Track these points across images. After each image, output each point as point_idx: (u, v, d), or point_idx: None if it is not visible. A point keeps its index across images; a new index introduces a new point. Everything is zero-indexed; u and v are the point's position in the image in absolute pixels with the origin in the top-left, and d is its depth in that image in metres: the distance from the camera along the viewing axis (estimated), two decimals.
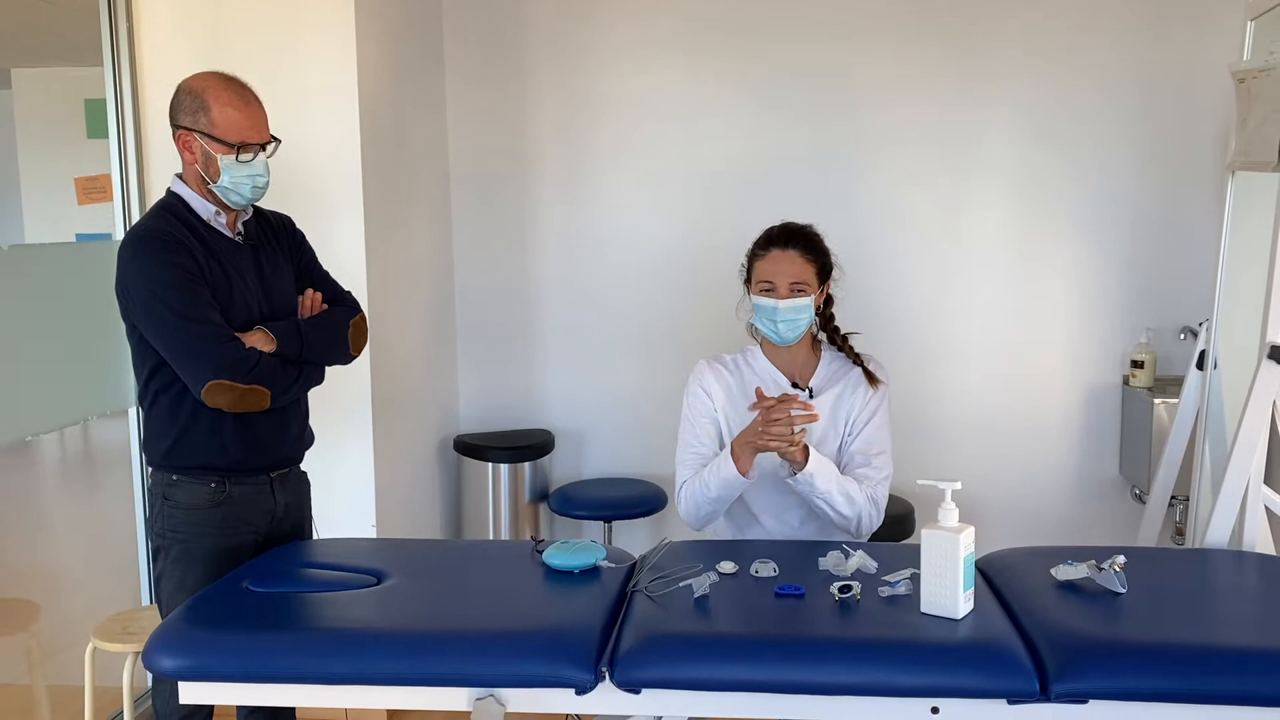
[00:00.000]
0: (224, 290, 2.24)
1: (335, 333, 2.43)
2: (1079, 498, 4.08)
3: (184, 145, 2.26)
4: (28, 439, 2.99)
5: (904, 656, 1.74)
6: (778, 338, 2.38)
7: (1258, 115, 2.62)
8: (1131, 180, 3.93)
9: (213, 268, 2.23)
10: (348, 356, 2.47)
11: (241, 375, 2.18)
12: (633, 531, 4.18)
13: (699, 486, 2.35)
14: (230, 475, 2.31)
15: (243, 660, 1.81)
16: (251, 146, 2.24)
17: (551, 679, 1.75)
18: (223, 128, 2.22)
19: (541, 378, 4.26)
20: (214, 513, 2.30)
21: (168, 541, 2.30)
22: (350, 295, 2.54)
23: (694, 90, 4.04)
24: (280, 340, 2.27)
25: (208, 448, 2.28)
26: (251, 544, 2.35)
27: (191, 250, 2.21)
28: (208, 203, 2.29)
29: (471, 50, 4.11)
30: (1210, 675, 1.69)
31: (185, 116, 2.24)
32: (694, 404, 2.45)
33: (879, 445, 2.40)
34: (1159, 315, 3.95)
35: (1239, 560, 2.24)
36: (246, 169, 2.24)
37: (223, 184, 2.25)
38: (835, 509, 2.28)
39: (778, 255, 2.36)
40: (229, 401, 2.19)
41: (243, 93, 2.26)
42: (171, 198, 2.30)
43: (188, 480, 2.29)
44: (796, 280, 2.34)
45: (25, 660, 3.01)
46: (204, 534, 2.29)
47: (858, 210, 4.01)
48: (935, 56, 3.94)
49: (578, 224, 4.16)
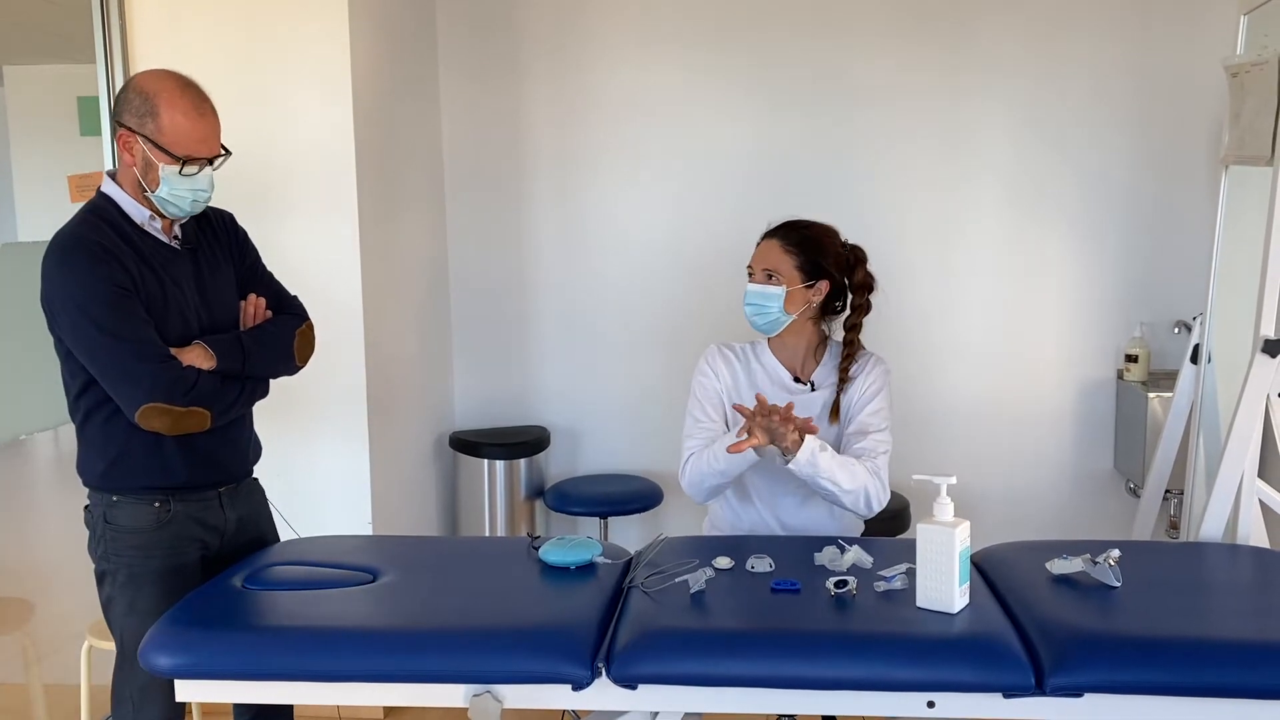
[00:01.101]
0: (159, 302, 2.08)
1: (279, 345, 2.26)
2: (1074, 492, 4.08)
3: (124, 145, 2.09)
4: (21, 438, 2.98)
5: (900, 651, 1.74)
6: (751, 322, 2.44)
7: (1251, 109, 2.63)
8: (1126, 175, 3.93)
9: (146, 278, 2.07)
10: (293, 368, 2.30)
11: (178, 397, 2.03)
12: (629, 527, 4.18)
13: (706, 458, 2.37)
14: (175, 493, 2.16)
15: (239, 658, 1.80)
16: (198, 160, 2.08)
17: (548, 675, 1.75)
18: (170, 137, 2.05)
19: (537, 374, 4.26)
20: (160, 534, 2.15)
21: (113, 565, 2.15)
22: (297, 301, 2.37)
23: (690, 86, 4.04)
24: (220, 356, 2.12)
25: (148, 468, 2.13)
26: (201, 561, 2.21)
27: (123, 260, 2.04)
28: (142, 207, 2.12)
29: (466, 45, 4.10)
30: (1205, 668, 1.69)
31: (131, 117, 2.07)
32: (703, 381, 2.50)
33: (877, 424, 2.41)
34: (1153, 309, 3.96)
35: (1233, 554, 2.25)
36: (188, 182, 2.08)
37: (160, 194, 2.09)
38: (839, 485, 2.26)
39: (763, 244, 2.46)
40: (166, 425, 2.05)
41: (198, 102, 2.08)
42: (102, 199, 2.13)
43: (129, 501, 2.13)
44: (769, 267, 2.40)
45: (20, 659, 3.01)
46: (150, 556, 2.14)
47: (854, 206, 4.00)
48: (931, 53, 3.94)
49: (573, 220, 4.16)
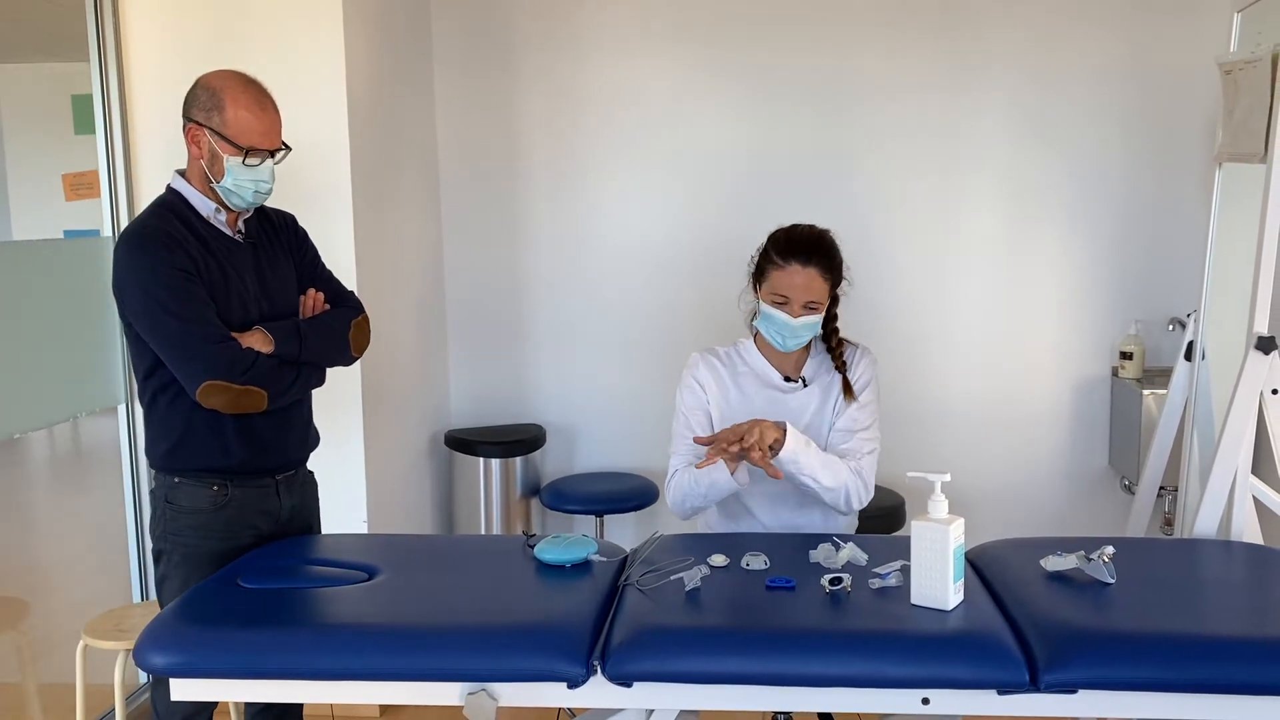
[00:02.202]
0: (221, 289, 2.22)
1: (335, 334, 2.40)
2: (1068, 489, 4.09)
3: (192, 139, 2.23)
4: (16, 436, 2.98)
5: (894, 648, 1.74)
6: (782, 347, 2.38)
7: (1244, 107, 2.63)
8: (1120, 172, 3.94)
9: (210, 266, 2.21)
10: (349, 358, 2.44)
11: (236, 376, 2.15)
12: (624, 525, 4.18)
13: (689, 480, 2.36)
14: (233, 478, 2.28)
15: (235, 657, 1.80)
16: (260, 152, 2.21)
17: (543, 673, 1.75)
18: (234, 129, 2.19)
19: (533, 372, 4.26)
20: (217, 516, 2.27)
21: (170, 545, 2.28)
22: (353, 296, 2.51)
23: (685, 82, 4.04)
24: (278, 341, 2.24)
25: (209, 450, 2.25)
26: (255, 546, 2.32)
27: (188, 248, 2.18)
28: (208, 200, 2.26)
29: (460, 42, 4.10)
30: (1199, 664, 1.70)
31: (199, 111, 2.21)
32: (687, 396, 2.46)
33: (863, 422, 2.41)
34: (1148, 307, 3.97)
35: (1227, 550, 2.25)
36: (251, 173, 2.22)
37: (225, 185, 2.22)
38: (819, 483, 2.29)
39: (796, 270, 2.31)
40: (224, 403, 2.17)
41: (260, 98, 2.23)
42: (171, 194, 2.27)
43: (190, 483, 2.27)
44: (812, 300, 2.32)
45: (15, 658, 3.00)
46: (207, 537, 2.26)
47: (848, 202, 4.01)
48: (927, 49, 3.94)
49: (568, 217, 4.16)
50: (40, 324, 2.93)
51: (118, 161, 3.28)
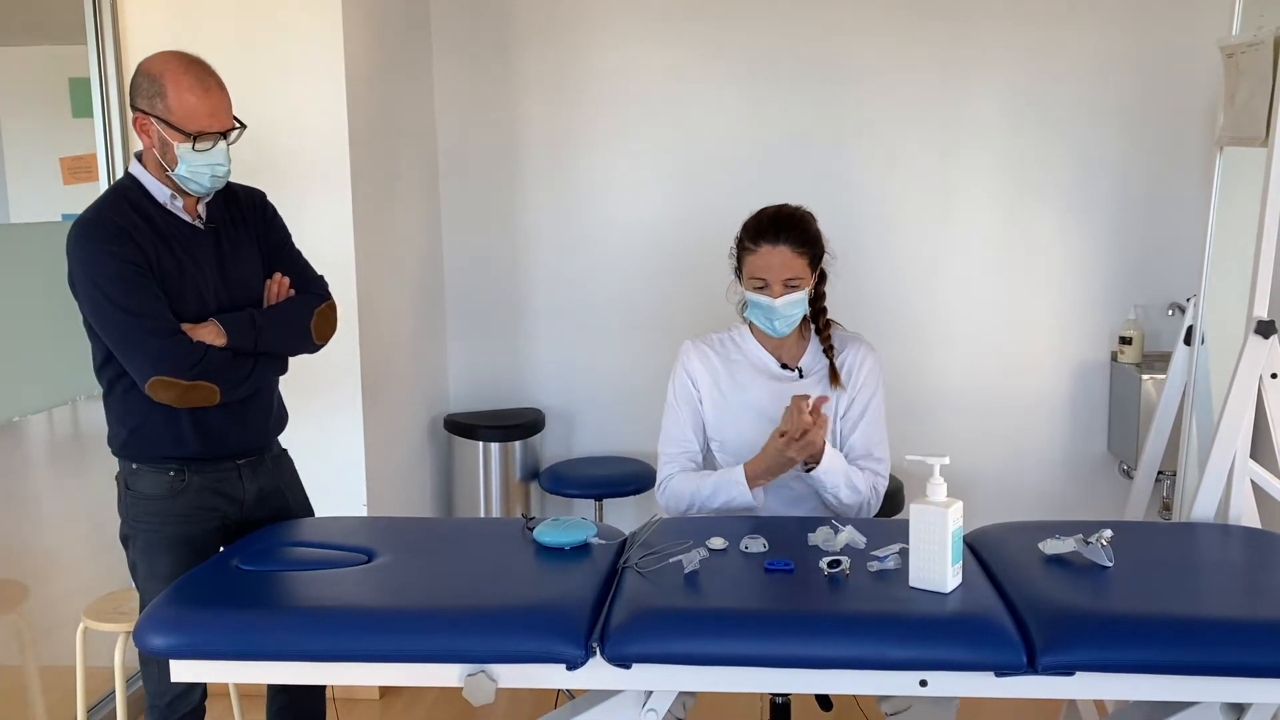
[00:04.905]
0: (175, 280, 2.16)
1: (294, 323, 2.32)
2: (1067, 473, 4.10)
3: (141, 129, 2.16)
4: (15, 419, 2.98)
5: (893, 630, 1.75)
6: (773, 331, 2.37)
7: (1245, 90, 2.62)
8: (1120, 156, 3.93)
9: (163, 257, 2.15)
10: (312, 346, 2.37)
11: (184, 371, 2.11)
12: (623, 509, 4.18)
13: (692, 491, 2.36)
14: (190, 464, 2.26)
15: (234, 638, 1.81)
16: (210, 135, 2.13)
17: (542, 654, 1.76)
18: (179, 115, 2.11)
19: (532, 356, 4.26)
20: (175, 501, 2.25)
21: (133, 530, 2.27)
22: (321, 280, 2.43)
23: (683, 69, 4.02)
24: (231, 334, 2.19)
25: (163, 439, 2.23)
26: (220, 530, 2.31)
27: (138, 239, 2.12)
28: (164, 187, 2.20)
29: (459, 27, 4.08)
30: (1196, 647, 1.70)
31: (143, 100, 2.14)
32: (678, 390, 2.45)
33: (878, 435, 2.44)
34: (1147, 291, 3.96)
35: (1225, 533, 2.26)
36: (204, 158, 2.14)
37: (180, 173, 2.15)
38: (840, 500, 2.34)
39: (768, 251, 2.29)
40: (173, 397, 2.13)
41: (203, 78, 2.13)
42: (128, 180, 2.21)
43: (147, 469, 2.25)
44: (790, 277, 2.30)
45: (15, 641, 3.01)
46: (166, 522, 2.25)
47: (846, 188, 4.00)
48: (926, 33, 3.93)
49: (567, 202, 4.15)
50: (38, 307, 2.92)
51: (115, 145, 3.27)
